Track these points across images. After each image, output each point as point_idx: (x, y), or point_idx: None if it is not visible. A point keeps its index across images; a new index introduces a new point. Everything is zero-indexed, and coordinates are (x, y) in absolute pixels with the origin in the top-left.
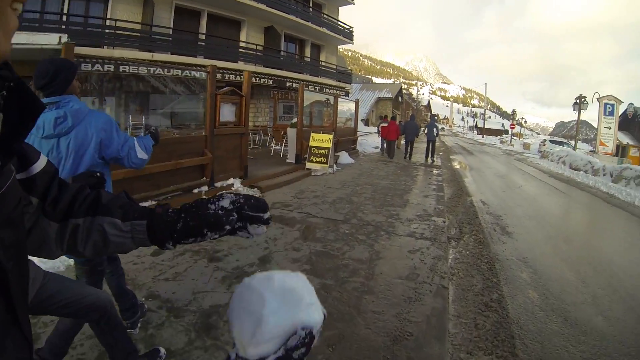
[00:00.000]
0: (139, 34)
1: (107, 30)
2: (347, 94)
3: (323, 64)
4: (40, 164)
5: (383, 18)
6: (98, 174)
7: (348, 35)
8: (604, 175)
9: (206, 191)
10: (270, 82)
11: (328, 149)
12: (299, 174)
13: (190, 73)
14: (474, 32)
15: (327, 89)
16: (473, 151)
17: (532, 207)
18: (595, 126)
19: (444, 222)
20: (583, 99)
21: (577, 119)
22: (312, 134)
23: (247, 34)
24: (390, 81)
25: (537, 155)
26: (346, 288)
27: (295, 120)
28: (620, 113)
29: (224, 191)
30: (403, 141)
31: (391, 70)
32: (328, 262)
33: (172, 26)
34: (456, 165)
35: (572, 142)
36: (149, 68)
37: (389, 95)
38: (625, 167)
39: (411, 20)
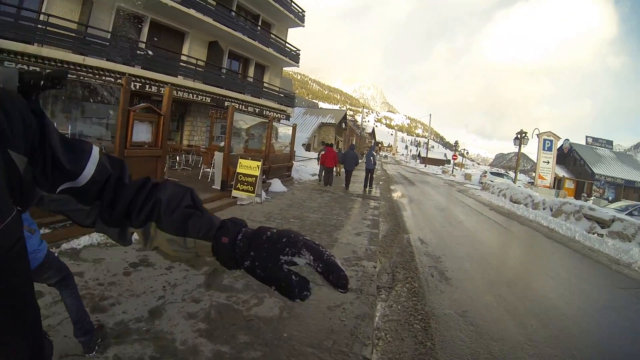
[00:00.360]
0: (73, 34)
1: (39, 26)
2: (288, 117)
3: (266, 85)
4: (87, 174)
5: (335, 44)
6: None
7: (294, 57)
8: (543, 209)
9: None
10: (209, 100)
11: (256, 176)
12: (222, 202)
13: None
14: (423, 65)
15: (267, 111)
16: (414, 181)
17: (473, 245)
18: (532, 158)
19: (375, 267)
20: (524, 134)
21: (517, 152)
22: (240, 160)
23: (190, 48)
24: (336, 107)
25: (478, 186)
26: (243, 359)
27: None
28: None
29: (304, 240)
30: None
31: (338, 97)
32: (229, 320)
33: (111, 30)
34: (395, 196)
35: (511, 174)
36: (78, 73)
37: (333, 121)
38: (564, 202)
39: (362, 48)
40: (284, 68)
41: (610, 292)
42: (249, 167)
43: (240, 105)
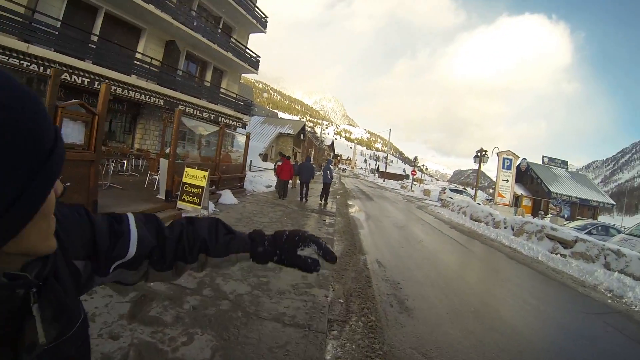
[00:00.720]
0: (19, 19)
1: None
2: (244, 125)
3: (223, 90)
4: (131, 253)
5: (299, 55)
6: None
7: (254, 64)
8: (505, 228)
9: None
10: (162, 102)
11: (202, 187)
12: (165, 214)
13: (71, 77)
14: (384, 80)
15: (223, 118)
16: (373, 196)
17: (435, 268)
18: (490, 176)
19: (327, 296)
20: (484, 153)
21: (476, 169)
22: (186, 169)
23: (146, 46)
24: (296, 117)
25: (437, 202)
26: None
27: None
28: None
29: (309, 235)
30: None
31: (299, 107)
32: None
33: (61, 18)
34: (352, 212)
35: (470, 190)
36: (21, 62)
37: (291, 132)
38: (526, 222)
39: (325, 60)
40: (243, 75)
41: (582, 319)
42: (196, 176)
43: (195, 111)
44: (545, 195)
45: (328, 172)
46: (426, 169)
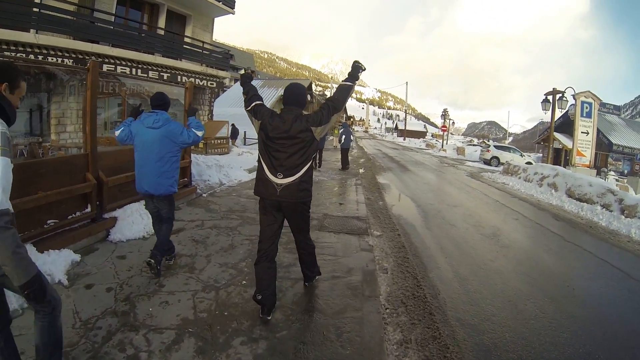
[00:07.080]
0: None
1: None
2: (222, 87)
3: (187, 41)
4: None
5: (304, 20)
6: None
7: (228, 2)
8: None
9: None
10: (71, 62)
11: None
12: None
13: None
14: (394, 39)
15: (185, 77)
16: (404, 163)
17: None
18: (503, 126)
19: None
20: (560, 95)
21: (550, 120)
22: None
23: None
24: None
25: (481, 164)
26: None
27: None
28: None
29: None
30: None
31: (307, 73)
32: None
33: None
34: (393, 204)
35: (505, 143)
36: None
37: None
38: None
39: (331, 22)
40: (215, 18)
41: None
42: None
43: (136, 70)
44: (605, 149)
45: (344, 136)
46: (453, 123)
